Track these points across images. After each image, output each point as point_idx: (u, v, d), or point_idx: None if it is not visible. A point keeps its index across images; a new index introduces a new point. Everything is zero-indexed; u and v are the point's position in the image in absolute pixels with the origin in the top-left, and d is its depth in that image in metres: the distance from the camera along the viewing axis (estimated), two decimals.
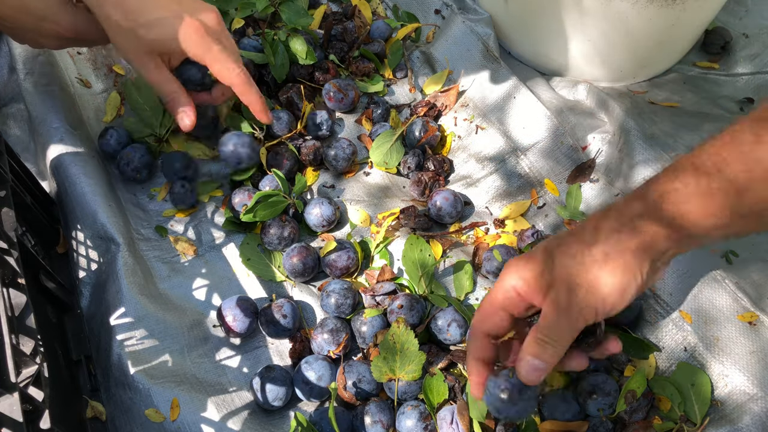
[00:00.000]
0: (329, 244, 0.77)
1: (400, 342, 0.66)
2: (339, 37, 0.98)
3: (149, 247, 0.79)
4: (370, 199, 0.85)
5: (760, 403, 0.62)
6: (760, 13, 1.05)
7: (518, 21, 0.95)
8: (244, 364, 0.73)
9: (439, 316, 0.72)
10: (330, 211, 0.80)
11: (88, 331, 0.73)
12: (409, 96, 0.96)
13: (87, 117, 0.91)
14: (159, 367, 0.68)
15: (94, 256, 0.76)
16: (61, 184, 0.80)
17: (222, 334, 0.74)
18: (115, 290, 0.71)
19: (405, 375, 0.66)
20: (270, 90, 0.93)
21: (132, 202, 0.83)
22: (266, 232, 0.79)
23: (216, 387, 0.69)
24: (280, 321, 0.71)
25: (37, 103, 0.85)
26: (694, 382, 0.65)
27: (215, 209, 0.85)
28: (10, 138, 0.88)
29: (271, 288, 0.79)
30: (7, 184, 0.62)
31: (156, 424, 0.65)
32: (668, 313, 0.70)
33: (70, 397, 0.66)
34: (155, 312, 0.71)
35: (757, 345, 0.65)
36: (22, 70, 0.88)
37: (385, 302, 0.74)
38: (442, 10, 1.00)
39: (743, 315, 0.67)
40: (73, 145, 0.81)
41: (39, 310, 0.65)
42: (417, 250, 0.77)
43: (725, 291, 0.68)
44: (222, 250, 0.81)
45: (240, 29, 0.98)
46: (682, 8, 0.84)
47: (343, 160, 0.85)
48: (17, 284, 0.54)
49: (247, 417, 0.67)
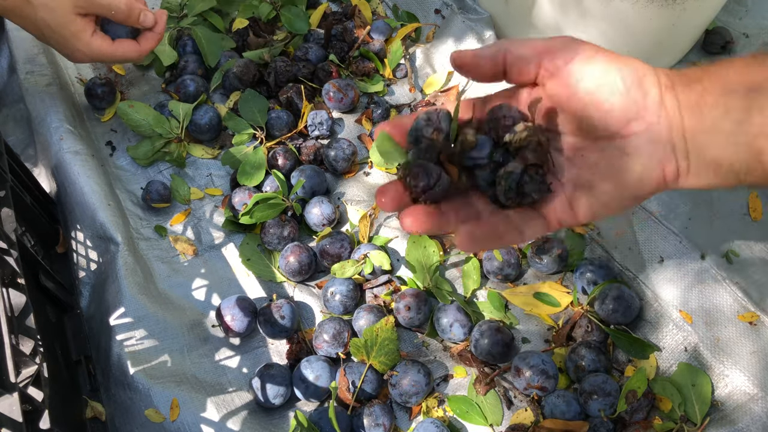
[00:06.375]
0: (324, 231, 0.78)
1: (382, 336, 0.68)
2: (339, 37, 0.98)
3: (149, 247, 0.79)
4: (370, 199, 0.85)
5: (761, 404, 0.62)
6: (760, 13, 1.05)
7: (518, 21, 0.95)
8: (244, 364, 0.73)
9: (442, 316, 0.72)
10: (330, 210, 0.80)
11: (88, 331, 0.73)
12: (409, 96, 0.96)
13: (87, 117, 0.91)
14: (159, 367, 0.68)
15: (93, 256, 0.76)
16: (61, 184, 0.80)
17: (221, 334, 0.74)
18: (115, 290, 0.71)
19: (376, 363, 0.69)
20: (270, 90, 0.93)
21: (131, 202, 0.83)
22: (266, 231, 0.79)
23: (216, 387, 0.69)
24: (278, 321, 0.71)
25: (37, 103, 0.85)
26: (695, 382, 0.65)
27: (215, 209, 0.85)
28: (10, 138, 0.88)
29: (271, 288, 0.78)
30: (6, 184, 0.62)
31: (156, 424, 0.65)
32: (668, 313, 0.70)
33: (70, 397, 0.66)
34: (155, 312, 0.71)
35: (757, 345, 0.65)
36: (22, 70, 0.88)
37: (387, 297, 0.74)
38: (442, 10, 1.00)
39: (744, 315, 0.67)
40: (73, 145, 0.81)
41: (39, 310, 0.65)
42: (420, 248, 0.77)
43: (725, 291, 0.68)
44: (222, 250, 0.81)
45: (242, 30, 0.98)
46: (682, 8, 0.84)
47: (343, 161, 0.85)
48: (17, 284, 0.54)
49: (247, 417, 0.67)
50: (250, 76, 0.92)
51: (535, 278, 0.78)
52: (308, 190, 0.83)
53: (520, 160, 0.42)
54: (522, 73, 0.45)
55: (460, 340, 0.72)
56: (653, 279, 0.72)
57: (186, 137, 0.89)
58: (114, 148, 0.88)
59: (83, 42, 0.77)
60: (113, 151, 0.88)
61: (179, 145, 0.88)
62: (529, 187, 0.42)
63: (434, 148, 0.43)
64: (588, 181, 0.43)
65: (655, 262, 0.73)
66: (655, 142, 0.41)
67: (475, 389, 0.69)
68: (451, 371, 0.72)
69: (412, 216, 0.44)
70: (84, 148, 0.82)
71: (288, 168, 0.85)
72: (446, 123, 0.44)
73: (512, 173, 0.42)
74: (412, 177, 0.43)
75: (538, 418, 0.67)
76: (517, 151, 0.43)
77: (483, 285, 0.78)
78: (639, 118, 0.41)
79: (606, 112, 0.41)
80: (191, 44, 0.96)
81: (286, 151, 0.86)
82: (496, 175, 0.43)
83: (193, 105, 0.88)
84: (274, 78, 0.92)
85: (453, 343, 0.73)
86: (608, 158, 0.43)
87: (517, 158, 0.42)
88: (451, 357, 0.73)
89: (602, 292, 0.71)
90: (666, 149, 0.41)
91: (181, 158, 0.87)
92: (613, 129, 0.42)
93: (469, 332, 0.72)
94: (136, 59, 0.82)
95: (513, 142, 0.43)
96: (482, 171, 0.44)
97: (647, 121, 0.41)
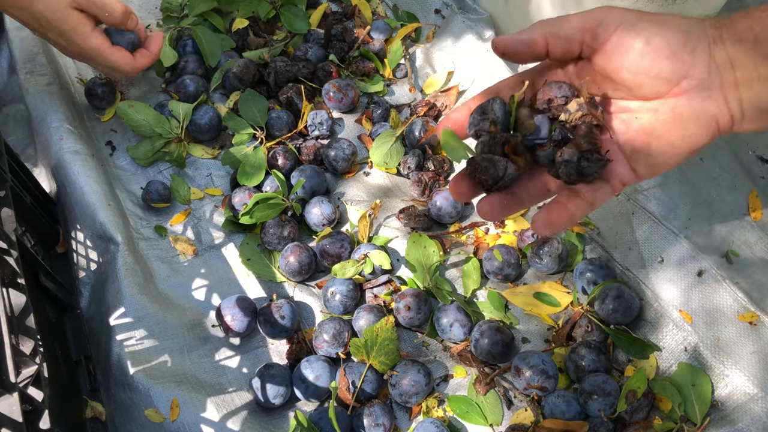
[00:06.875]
0: (324, 231, 0.78)
1: (382, 336, 0.68)
2: (339, 37, 0.98)
3: (149, 247, 0.79)
4: (370, 199, 0.85)
5: (761, 404, 0.62)
6: None
7: (518, 21, 0.95)
8: (244, 364, 0.73)
9: (442, 316, 0.72)
10: (330, 210, 0.80)
11: (88, 331, 0.73)
12: (409, 96, 0.96)
13: (87, 116, 0.91)
14: (159, 367, 0.68)
15: (93, 256, 0.76)
16: (61, 184, 0.80)
17: (221, 334, 0.74)
18: (115, 290, 0.71)
19: (376, 363, 0.69)
20: (270, 90, 0.93)
21: (131, 202, 0.83)
22: (266, 231, 0.79)
23: (216, 387, 0.69)
24: (278, 321, 0.71)
25: (37, 103, 0.85)
26: (695, 382, 0.65)
27: (215, 209, 0.85)
28: (10, 138, 0.88)
29: (271, 288, 0.78)
30: (6, 184, 0.62)
31: (156, 424, 0.65)
32: (668, 313, 0.70)
33: (70, 397, 0.66)
34: (155, 312, 0.71)
35: (757, 345, 0.65)
36: (22, 70, 0.88)
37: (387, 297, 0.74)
38: (442, 10, 1.00)
39: (744, 315, 0.67)
40: (73, 145, 0.81)
41: (39, 310, 0.65)
42: (420, 248, 0.77)
43: (725, 291, 0.68)
44: (222, 250, 0.81)
45: (242, 30, 0.98)
46: (682, 8, 0.84)
47: (343, 161, 0.85)
48: (17, 284, 0.54)
49: (247, 417, 0.67)
50: (250, 76, 0.92)
51: (535, 278, 0.78)
52: (308, 190, 0.83)
53: (574, 146, 0.44)
54: (566, 52, 0.46)
55: (460, 340, 0.72)
56: (653, 279, 0.72)
57: (186, 137, 0.89)
58: (114, 148, 0.88)
59: (82, 36, 0.77)
60: (113, 151, 0.88)
61: (179, 145, 0.88)
62: (587, 169, 0.44)
63: (496, 140, 0.45)
64: (644, 142, 0.45)
65: (655, 262, 0.73)
66: (707, 98, 0.42)
67: (475, 389, 0.69)
68: (451, 371, 0.72)
69: (488, 205, 0.47)
70: (84, 148, 0.82)
71: (288, 168, 0.85)
72: (502, 113, 0.45)
73: (569, 161, 0.44)
74: (481, 172, 0.45)
75: (538, 418, 0.67)
76: (573, 129, 0.45)
77: (483, 285, 0.78)
78: (689, 76, 0.42)
79: (655, 77, 0.43)
80: (191, 44, 0.96)
81: (286, 151, 0.86)
82: (555, 152, 0.45)
83: (193, 105, 0.88)
84: (274, 78, 0.92)
85: (453, 343, 0.73)
86: (662, 118, 0.44)
87: (572, 144, 0.44)
88: (451, 357, 0.73)
89: (602, 292, 0.71)
90: (719, 102, 0.42)
91: (181, 158, 0.87)
92: (664, 91, 0.43)
93: (469, 332, 0.72)
94: (128, 72, 0.83)
95: (568, 122, 0.44)
96: (543, 150, 0.45)
97: (697, 78, 0.42)
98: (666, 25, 0.42)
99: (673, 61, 0.42)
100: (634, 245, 0.74)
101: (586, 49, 0.45)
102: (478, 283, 0.76)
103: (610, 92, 0.46)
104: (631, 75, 0.43)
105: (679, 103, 0.43)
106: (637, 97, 0.45)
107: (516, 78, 0.50)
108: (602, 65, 0.45)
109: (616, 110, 0.46)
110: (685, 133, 0.43)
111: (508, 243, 0.79)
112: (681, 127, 0.43)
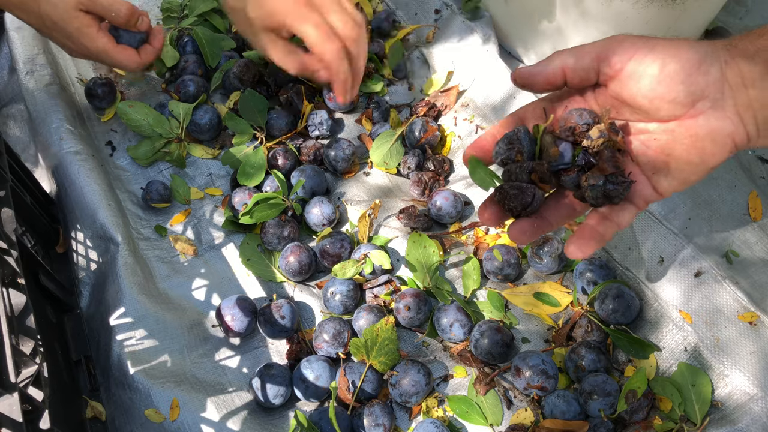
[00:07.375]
0: (324, 231, 0.78)
1: (382, 336, 0.68)
2: None
3: (149, 247, 0.79)
4: (371, 199, 0.85)
5: (761, 404, 0.62)
6: (760, 13, 1.05)
7: (518, 21, 0.95)
8: (244, 364, 0.73)
9: (442, 316, 0.72)
10: (330, 210, 0.80)
11: (88, 331, 0.73)
12: (409, 96, 0.96)
13: (87, 117, 0.91)
14: (159, 367, 0.68)
15: (93, 256, 0.76)
16: (61, 184, 0.80)
17: (221, 334, 0.74)
18: (115, 290, 0.71)
19: (376, 363, 0.69)
20: (270, 90, 0.93)
21: (131, 202, 0.83)
22: (266, 231, 0.79)
23: (216, 387, 0.69)
24: (278, 321, 0.71)
25: (37, 103, 0.85)
26: (695, 382, 0.65)
27: (215, 209, 0.85)
28: (10, 138, 0.88)
29: (271, 288, 0.78)
30: (6, 184, 0.62)
31: (156, 425, 0.65)
32: (668, 313, 0.70)
33: (70, 397, 0.66)
34: (155, 312, 0.71)
35: (757, 345, 0.65)
36: (22, 70, 0.88)
37: (387, 297, 0.74)
38: (442, 10, 1.00)
39: (744, 315, 0.67)
40: (73, 145, 0.81)
41: (39, 310, 0.65)
42: (420, 247, 0.77)
43: (725, 291, 0.68)
44: (222, 250, 0.81)
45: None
46: (682, 8, 0.84)
47: (343, 161, 0.85)
48: (17, 284, 0.54)
49: (247, 417, 0.67)
50: (250, 76, 0.92)
51: (535, 278, 0.78)
52: (308, 190, 0.83)
53: (599, 170, 0.46)
54: (583, 80, 0.48)
55: (460, 340, 0.72)
56: (653, 279, 0.72)
57: (186, 137, 0.89)
58: (114, 148, 0.89)
59: (89, 37, 0.77)
60: (113, 151, 0.88)
61: (179, 145, 0.88)
62: (613, 192, 0.46)
63: (523, 168, 0.47)
64: (664, 162, 0.47)
65: (655, 262, 0.73)
66: (722, 118, 0.44)
67: (475, 389, 0.69)
68: (451, 371, 0.72)
69: (518, 230, 0.49)
70: (84, 148, 0.82)
71: (288, 168, 0.85)
72: (527, 141, 0.48)
73: (596, 185, 0.46)
74: (510, 200, 0.47)
75: (538, 418, 0.67)
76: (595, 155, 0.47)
77: (483, 285, 0.78)
78: (704, 97, 0.44)
79: (671, 102, 0.44)
80: (192, 44, 0.96)
81: (286, 151, 0.86)
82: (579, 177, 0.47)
83: (193, 105, 0.88)
84: (274, 78, 0.92)
85: (453, 343, 0.73)
86: (679, 139, 0.46)
87: (597, 168, 0.46)
88: (451, 357, 0.73)
89: (602, 292, 0.71)
90: (734, 121, 0.44)
91: (181, 158, 0.87)
92: (680, 113, 0.45)
93: (469, 332, 0.72)
94: (134, 68, 0.84)
95: (591, 148, 0.47)
96: (567, 175, 0.48)
97: (712, 99, 0.44)
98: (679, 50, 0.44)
99: (688, 85, 0.44)
100: (634, 245, 0.74)
101: (602, 77, 0.47)
102: (478, 283, 0.76)
103: (628, 115, 0.48)
104: (647, 100, 0.45)
105: (696, 123, 0.45)
106: (654, 120, 0.47)
107: (538, 103, 0.52)
108: (618, 92, 0.47)
109: (635, 132, 0.48)
110: (702, 152, 0.45)
111: (508, 243, 0.79)
112: (698, 147, 0.45)
